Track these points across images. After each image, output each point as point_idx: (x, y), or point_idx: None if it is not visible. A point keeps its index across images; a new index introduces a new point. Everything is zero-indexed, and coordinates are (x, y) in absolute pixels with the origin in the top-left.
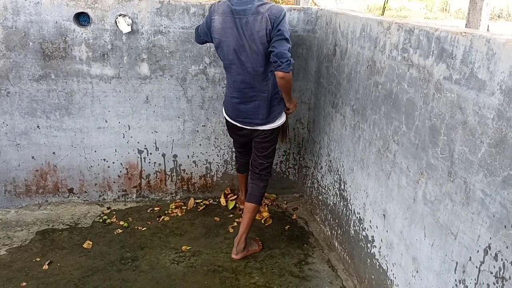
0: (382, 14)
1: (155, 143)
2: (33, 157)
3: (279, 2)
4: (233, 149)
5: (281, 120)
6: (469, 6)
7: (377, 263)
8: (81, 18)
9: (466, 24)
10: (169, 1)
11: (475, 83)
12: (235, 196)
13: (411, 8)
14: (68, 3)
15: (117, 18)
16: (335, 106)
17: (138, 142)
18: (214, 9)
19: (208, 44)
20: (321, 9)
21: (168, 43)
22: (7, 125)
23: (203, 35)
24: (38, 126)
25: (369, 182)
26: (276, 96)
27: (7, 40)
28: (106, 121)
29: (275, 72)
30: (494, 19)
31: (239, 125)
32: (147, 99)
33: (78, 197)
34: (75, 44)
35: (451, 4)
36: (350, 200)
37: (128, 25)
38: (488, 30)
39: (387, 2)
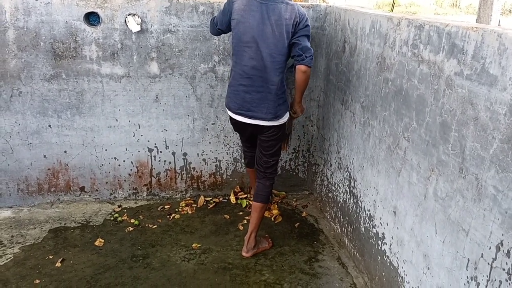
0: (392, 10)
1: (165, 141)
2: (45, 156)
3: None
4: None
5: (285, 118)
6: (480, 1)
7: (388, 260)
8: (91, 18)
9: (477, 19)
10: (178, 0)
11: (486, 78)
12: (245, 195)
13: (421, 4)
14: (78, 3)
15: (126, 17)
16: (345, 103)
17: (148, 141)
18: None
19: (217, 41)
20: (330, 6)
21: (177, 41)
22: (19, 124)
23: (219, 23)
24: (49, 125)
25: (379, 179)
26: (282, 95)
27: (19, 41)
28: (117, 120)
29: (297, 66)
30: (505, 14)
31: (240, 119)
32: (156, 97)
33: (89, 195)
34: (85, 43)
35: (461, 0)
36: (360, 197)
37: (137, 24)
38: (499, 25)
39: None
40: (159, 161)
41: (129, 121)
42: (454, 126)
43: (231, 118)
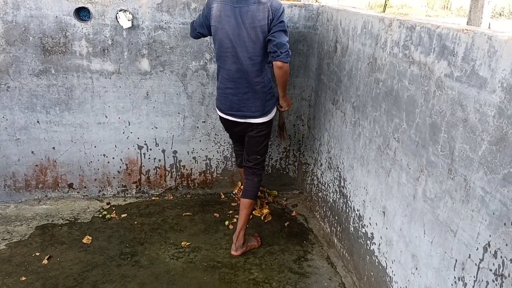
0: (383, 11)
1: (155, 139)
2: (33, 152)
3: None
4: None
5: (273, 114)
6: (471, 4)
7: (376, 260)
8: (82, 13)
9: (467, 22)
10: None
11: (476, 80)
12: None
13: (412, 6)
14: None
15: (117, 13)
16: (336, 103)
17: (138, 138)
18: None
19: (209, 40)
20: (322, 6)
21: (169, 38)
22: (7, 119)
23: (199, 27)
24: (38, 121)
25: (369, 179)
26: (270, 90)
27: (7, 35)
28: (106, 117)
29: (273, 62)
30: (495, 17)
31: (231, 119)
32: (147, 94)
33: (77, 192)
34: (75, 39)
35: (452, 2)
36: (350, 197)
37: (128, 20)
38: (489, 28)
39: (388, 0)
40: (149, 158)
41: (119, 118)
42: (444, 127)
43: (221, 117)
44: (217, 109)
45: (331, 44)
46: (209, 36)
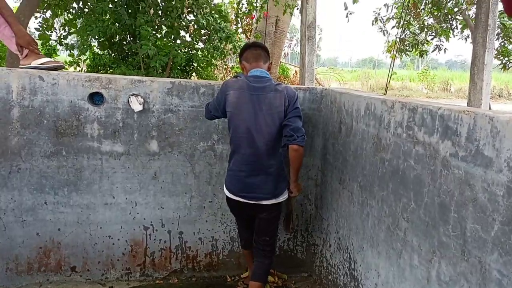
0: (385, 93)
1: (161, 219)
2: (37, 234)
3: (284, 81)
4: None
5: (285, 195)
6: (470, 86)
7: None
8: (95, 98)
9: (467, 103)
10: (180, 82)
11: (482, 160)
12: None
13: (413, 87)
14: (84, 83)
15: (129, 97)
16: (342, 183)
17: (144, 219)
18: (229, 84)
19: (216, 121)
20: (326, 89)
21: (178, 120)
22: (15, 201)
23: (214, 110)
24: (45, 202)
25: (380, 261)
26: (281, 172)
27: (23, 119)
28: (114, 197)
29: (289, 146)
30: (495, 99)
31: (242, 200)
32: (155, 175)
33: (80, 275)
34: (87, 122)
35: (452, 84)
36: (361, 280)
37: (140, 104)
38: (490, 109)
39: (389, 83)
40: (154, 240)
41: (126, 198)
42: (453, 207)
43: (230, 200)
44: (226, 191)
45: (335, 125)
46: (217, 119)
